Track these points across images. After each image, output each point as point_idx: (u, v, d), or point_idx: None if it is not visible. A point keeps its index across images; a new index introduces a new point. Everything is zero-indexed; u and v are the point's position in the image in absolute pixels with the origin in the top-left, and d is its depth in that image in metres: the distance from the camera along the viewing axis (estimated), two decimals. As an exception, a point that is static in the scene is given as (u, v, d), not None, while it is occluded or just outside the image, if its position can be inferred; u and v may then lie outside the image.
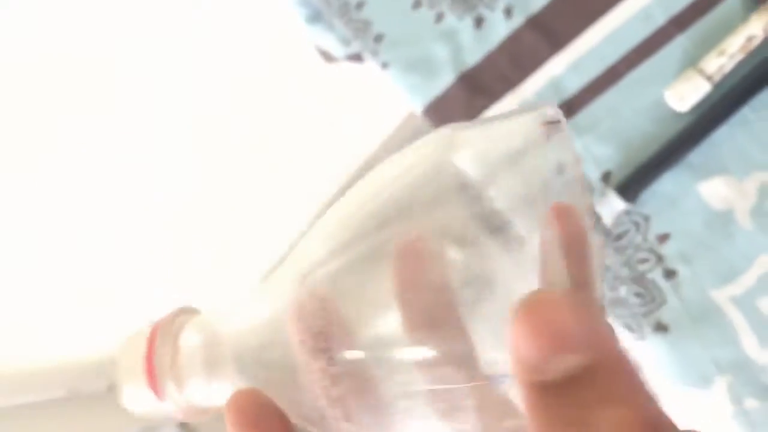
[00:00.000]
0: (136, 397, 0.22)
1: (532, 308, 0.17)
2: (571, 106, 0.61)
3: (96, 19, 0.85)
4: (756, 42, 0.54)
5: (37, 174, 0.95)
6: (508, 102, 0.64)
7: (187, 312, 0.24)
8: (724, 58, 0.54)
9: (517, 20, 0.64)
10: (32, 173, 0.94)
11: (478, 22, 0.65)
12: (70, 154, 0.97)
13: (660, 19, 0.58)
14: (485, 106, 0.65)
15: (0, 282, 1.08)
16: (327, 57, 1.04)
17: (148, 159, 1.08)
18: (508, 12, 0.64)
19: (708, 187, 0.55)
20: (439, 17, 0.67)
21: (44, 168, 0.95)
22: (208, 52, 0.99)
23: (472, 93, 0.65)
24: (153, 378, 0.22)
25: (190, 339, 0.23)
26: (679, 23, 0.58)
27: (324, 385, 0.21)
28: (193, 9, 0.94)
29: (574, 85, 0.61)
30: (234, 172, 1.19)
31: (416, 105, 0.68)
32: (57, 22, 0.82)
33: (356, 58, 1.03)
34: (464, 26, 0.66)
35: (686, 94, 0.55)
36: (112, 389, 1.36)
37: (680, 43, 0.58)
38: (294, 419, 0.22)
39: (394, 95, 0.72)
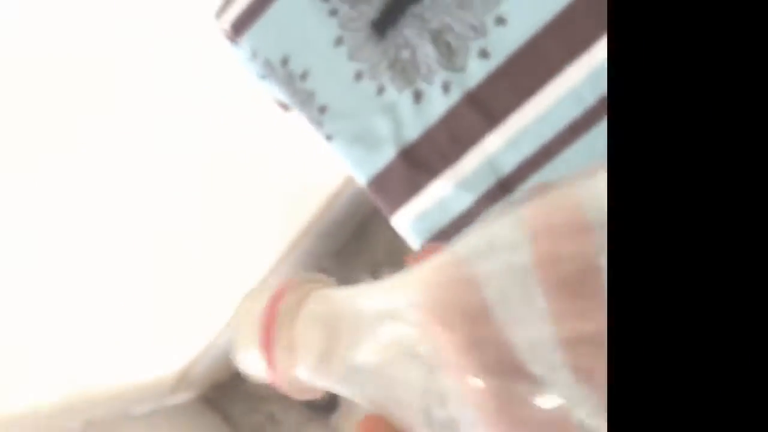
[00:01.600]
0: (248, 362, 0.23)
1: None
2: (507, 184, 0.62)
3: (96, 19, 0.83)
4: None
5: (38, 174, 0.92)
6: (447, 178, 0.64)
7: (313, 281, 0.23)
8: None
9: (455, 96, 0.64)
10: (32, 173, 0.91)
11: (417, 96, 0.66)
12: (70, 154, 0.94)
13: (590, 99, 0.59)
14: (425, 182, 0.65)
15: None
16: (284, 107, 1.04)
17: (148, 160, 1.04)
18: (446, 87, 0.64)
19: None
20: (381, 90, 0.67)
21: (44, 168, 0.92)
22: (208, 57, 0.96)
23: (413, 168, 0.66)
24: (269, 350, 0.22)
25: (311, 317, 0.22)
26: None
27: (479, 403, 0.18)
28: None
29: (510, 162, 0.62)
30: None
31: (360, 178, 0.68)
32: (57, 22, 0.80)
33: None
34: (404, 99, 0.66)
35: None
36: (88, 427, 1.33)
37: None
38: None
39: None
